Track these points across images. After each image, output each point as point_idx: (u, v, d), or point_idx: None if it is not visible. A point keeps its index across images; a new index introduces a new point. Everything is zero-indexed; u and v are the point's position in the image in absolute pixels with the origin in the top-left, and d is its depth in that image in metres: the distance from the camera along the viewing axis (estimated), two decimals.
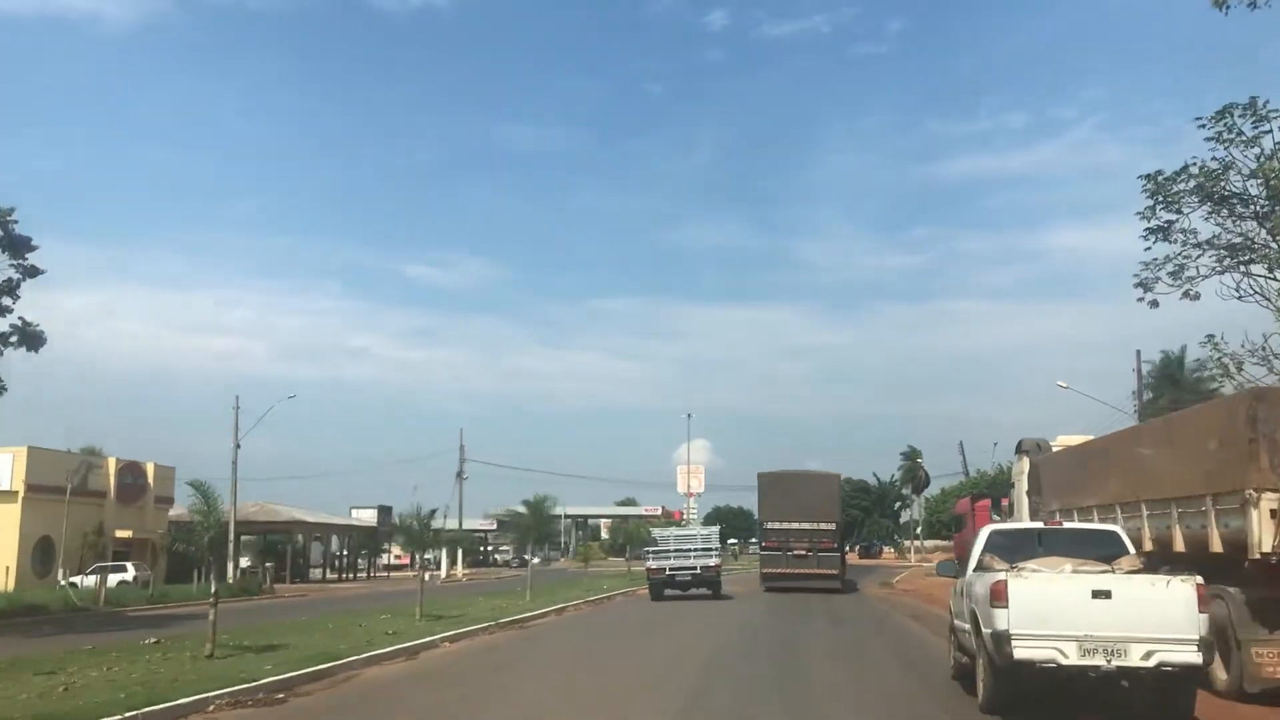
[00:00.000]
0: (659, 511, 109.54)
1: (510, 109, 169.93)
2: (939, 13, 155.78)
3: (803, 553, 37.79)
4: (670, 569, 35.60)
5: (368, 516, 71.71)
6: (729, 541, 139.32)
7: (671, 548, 36.80)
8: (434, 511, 32.09)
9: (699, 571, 35.48)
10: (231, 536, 41.37)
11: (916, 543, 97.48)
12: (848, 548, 55.03)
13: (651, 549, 38.14)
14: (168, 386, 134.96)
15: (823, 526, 37.70)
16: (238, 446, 42.19)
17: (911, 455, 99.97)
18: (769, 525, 38.60)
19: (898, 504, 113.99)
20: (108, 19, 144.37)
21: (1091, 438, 21.12)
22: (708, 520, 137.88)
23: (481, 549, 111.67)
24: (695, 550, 36.29)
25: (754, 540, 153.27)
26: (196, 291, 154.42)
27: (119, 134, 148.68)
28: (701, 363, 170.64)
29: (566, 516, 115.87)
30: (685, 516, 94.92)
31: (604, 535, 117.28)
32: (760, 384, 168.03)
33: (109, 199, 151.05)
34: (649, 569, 36.78)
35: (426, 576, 66.55)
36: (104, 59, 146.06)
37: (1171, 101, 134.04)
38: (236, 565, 45.09)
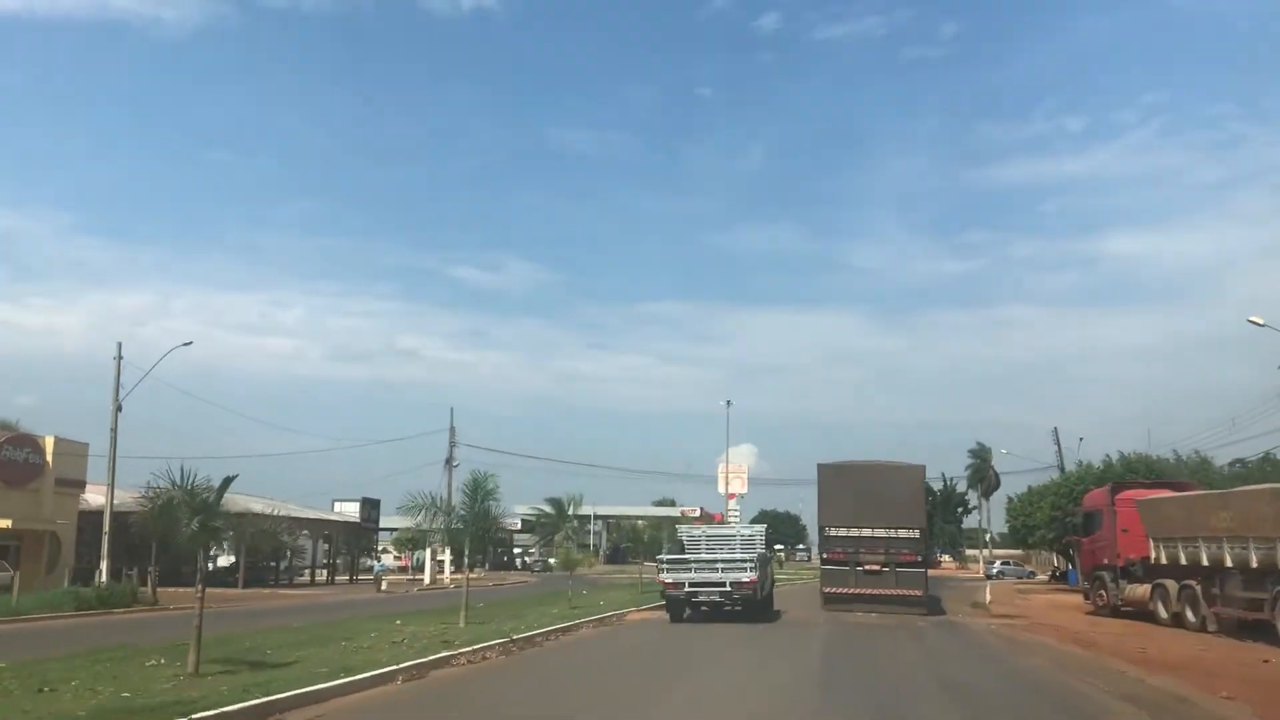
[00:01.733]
0: (697, 513, 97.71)
1: (561, 113, 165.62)
2: (994, 15, 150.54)
3: (876, 568, 28.25)
4: (691, 584, 25.34)
5: (351, 510, 60.46)
6: (774, 548, 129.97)
7: (695, 556, 26.69)
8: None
9: (729, 589, 25.06)
10: (106, 527, 30.39)
11: (986, 552, 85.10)
12: None
13: (667, 557, 27.48)
14: (219, 387, 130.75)
15: (902, 534, 28.26)
16: (118, 408, 31.16)
17: (980, 454, 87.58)
18: (832, 532, 29.09)
19: (960, 509, 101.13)
20: (166, 23, 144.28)
21: None
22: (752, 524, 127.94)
23: (501, 550, 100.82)
24: (725, 561, 25.81)
25: (801, 547, 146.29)
26: (249, 293, 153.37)
27: (175, 136, 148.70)
28: (751, 367, 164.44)
29: (597, 517, 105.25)
30: (725, 519, 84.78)
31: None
32: (811, 389, 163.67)
33: (165, 201, 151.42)
34: (663, 583, 26.28)
35: (426, 578, 57.09)
36: (162, 62, 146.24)
37: (1232, 106, 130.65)
38: (113, 566, 33.68)
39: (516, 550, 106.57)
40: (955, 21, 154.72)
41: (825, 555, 29.47)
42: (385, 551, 72.85)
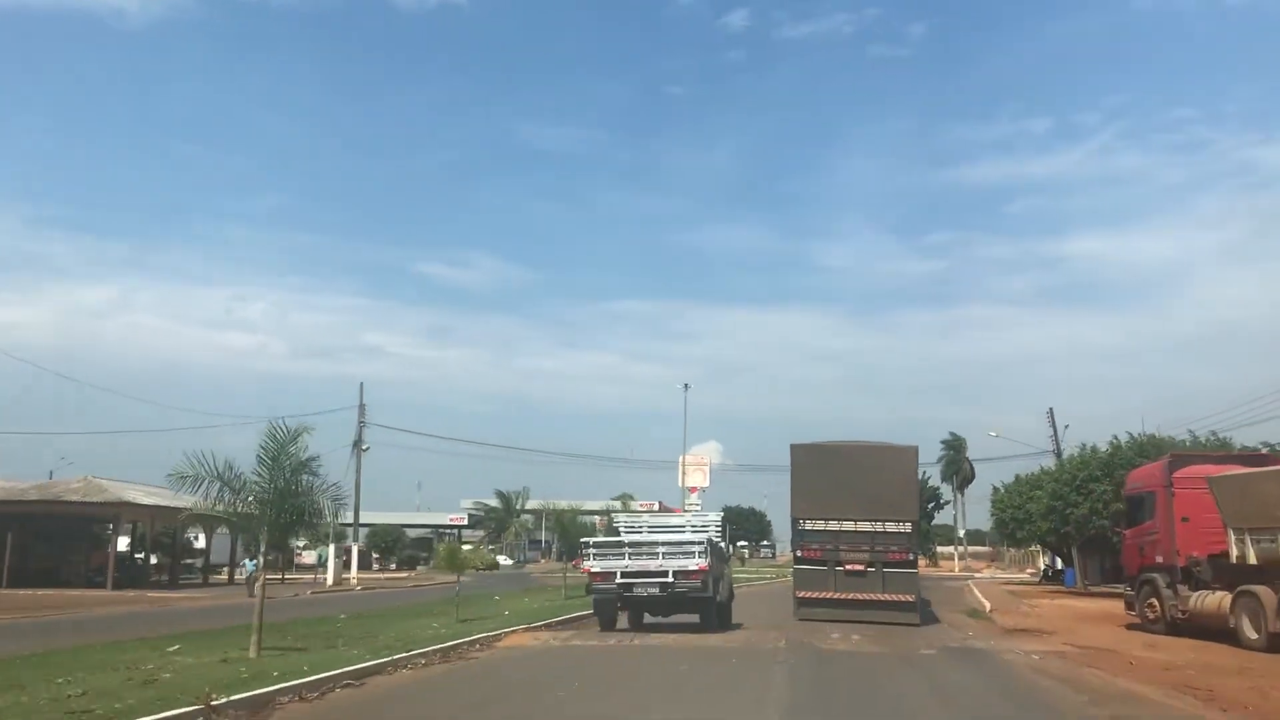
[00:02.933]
0: (656, 507, 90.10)
1: (529, 109, 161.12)
2: (961, 16, 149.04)
3: (859, 568, 22.92)
4: (624, 574, 20.06)
5: None
6: (738, 545, 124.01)
7: (631, 539, 21.31)
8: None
9: (671, 580, 19.74)
10: None
11: (962, 548, 78.37)
12: None
13: (595, 540, 22.88)
14: (181, 382, 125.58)
15: (890, 528, 23.13)
16: None
17: (955, 445, 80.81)
18: (807, 525, 23.79)
19: (932, 504, 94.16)
20: (130, 13, 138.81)
21: None
22: None
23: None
24: (668, 545, 20.51)
25: (765, 544, 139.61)
26: (213, 287, 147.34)
27: (138, 128, 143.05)
28: (719, 366, 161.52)
29: (550, 513, 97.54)
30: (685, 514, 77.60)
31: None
32: (778, 388, 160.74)
33: (128, 193, 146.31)
34: (590, 574, 21.04)
35: (329, 577, 49.05)
36: (126, 53, 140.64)
37: (1194, 109, 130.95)
38: None
39: (467, 546, 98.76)
40: (923, 21, 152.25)
41: (799, 553, 24.12)
42: (307, 547, 64.65)
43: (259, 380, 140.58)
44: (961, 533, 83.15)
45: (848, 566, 22.78)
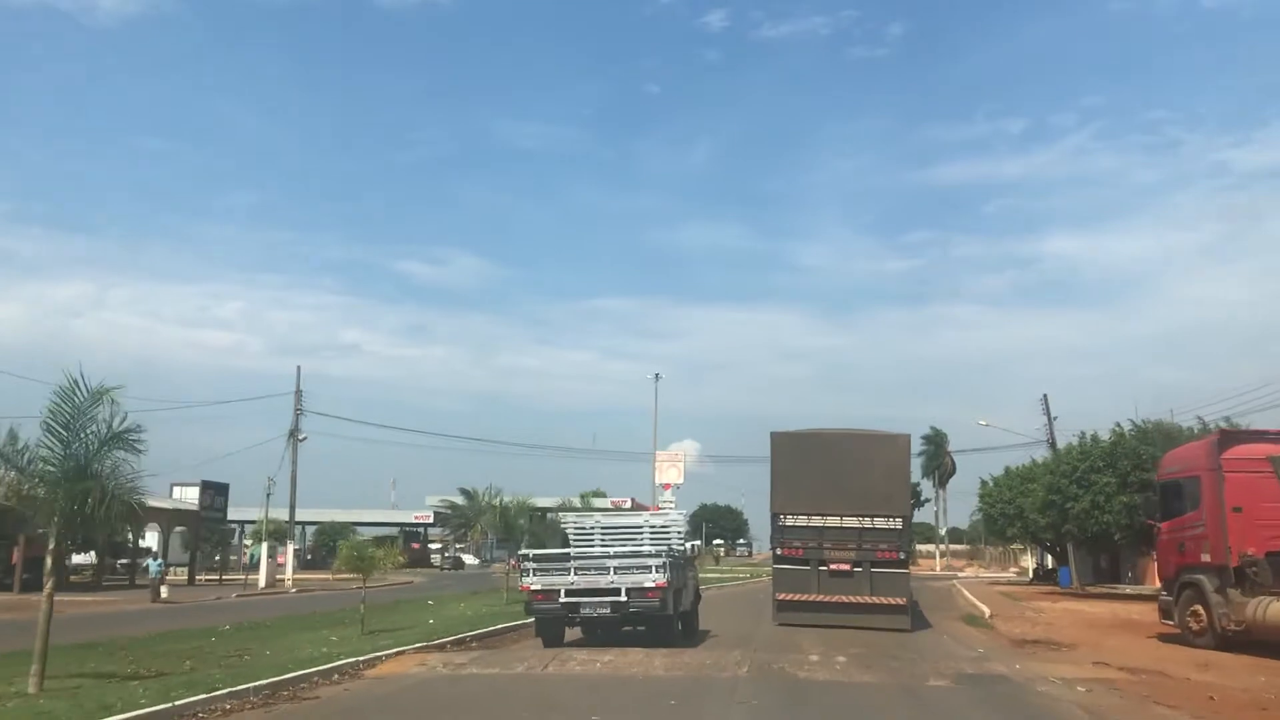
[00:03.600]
0: (628, 504, 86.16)
1: (508, 106, 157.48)
2: (938, 17, 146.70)
3: (845, 568, 20.69)
4: (569, 592, 16.75)
5: (192, 497, 48.01)
6: (714, 543, 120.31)
7: (578, 552, 17.89)
8: None
9: (624, 599, 16.55)
10: None
11: (944, 546, 74.89)
12: None
13: (535, 552, 18.29)
14: (155, 380, 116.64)
15: (879, 523, 20.93)
16: None
17: (935, 440, 77.14)
18: (788, 520, 21.46)
19: (912, 500, 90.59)
20: (102, 9, 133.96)
21: None
22: (692, 520, 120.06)
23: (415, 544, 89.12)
24: (621, 558, 17.07)
25: (741, 542, 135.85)
26: (189, 285, 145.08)
27: (112, 124, 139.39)
28: (697, 364, 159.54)
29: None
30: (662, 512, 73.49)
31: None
32: (757, 386, 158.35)
33: (102, 190, 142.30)
34: (530, 591, 17.18)
35: (261, 579, 44.50)
36: (99, 49, 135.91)
37: (1169, 111, 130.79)
38: None
39: (435, 546, 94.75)
40: (900, 22, 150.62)
41: (778, 551, 21.73)
42: (247, 545, 60.34)
43: (236, 378, 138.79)
44: (943, 530, 79.53)
45: (832, 566, 20.53)
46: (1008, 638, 20.18)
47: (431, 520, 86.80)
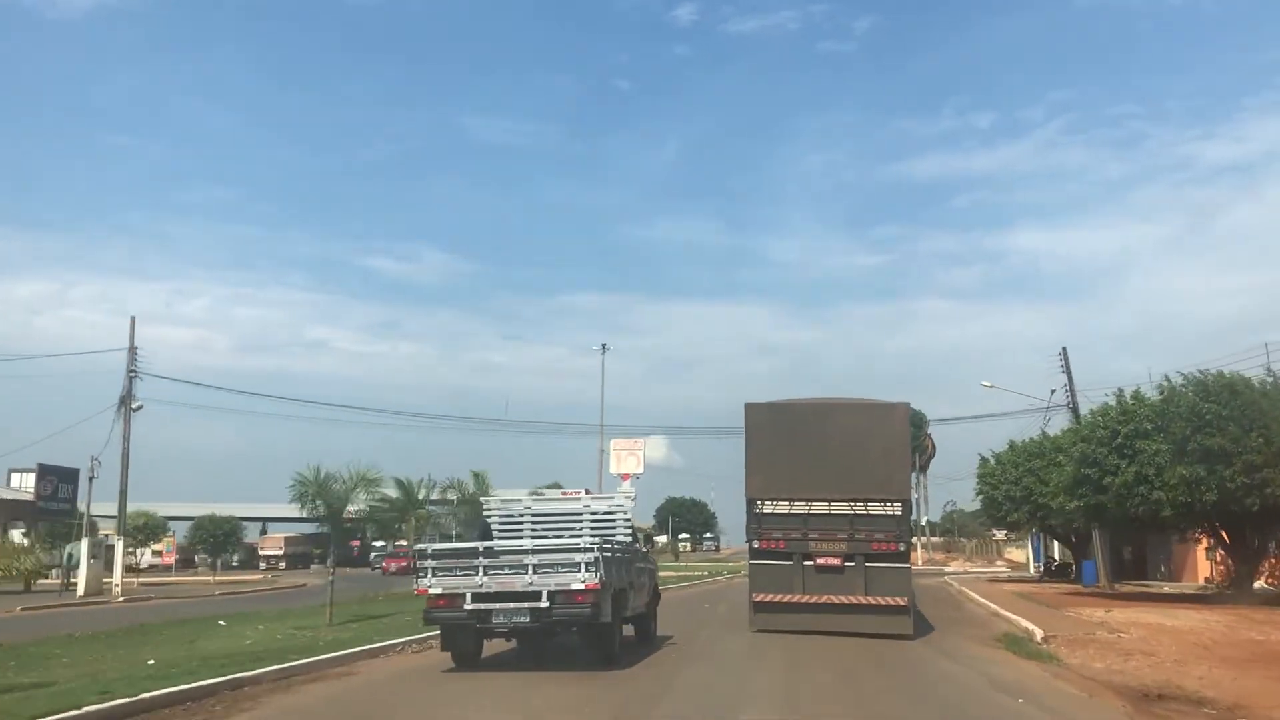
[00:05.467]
0: (582, 494, 76.98)
1: (477, 101, 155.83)
2: (907, 12, 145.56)
3: (835, 563, 16.61)
4: (477, 596, 12.74)
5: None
6: (679, 537, 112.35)
7: (491, 547, 13.56)
8: None
9: (545, 605, 12.60)
10: None
11: (926, 538, 66.44)
12: None
13: (434, 548, 14.11)
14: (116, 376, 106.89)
15: (875, 509, 17.10)
16: None
17: (915, 420, 68.37)
18: (766, 507, 17.58)
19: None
20: (63, 2, 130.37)
21: None
22: (659, 514, 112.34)
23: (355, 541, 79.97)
24: (541, 554, 13.00)
25: (709, 536, 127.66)
26: (152, 282, 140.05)
27: (76, 119, 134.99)
28: (669, 359, 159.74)
29: (461, 504, 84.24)
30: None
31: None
32: (728, 381, 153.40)
33: (63, 186, 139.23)
34: (428, 595, 13.01)
35: (80, 586, 27.24)
36: (60, 43, 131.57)
37: (1134, 105, 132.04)
38: None
39: (379, 544, 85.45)
40: (868, 16, 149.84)
41: (756, 544, 17.96)
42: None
43: (202, 376, 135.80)
44: (925, 521, 71.18)
45: (819, 560, 17.29)
46: (1107, 685, 11.36)
47: (365, 513, 77.92)
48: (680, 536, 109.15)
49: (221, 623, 19.09)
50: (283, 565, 72.87)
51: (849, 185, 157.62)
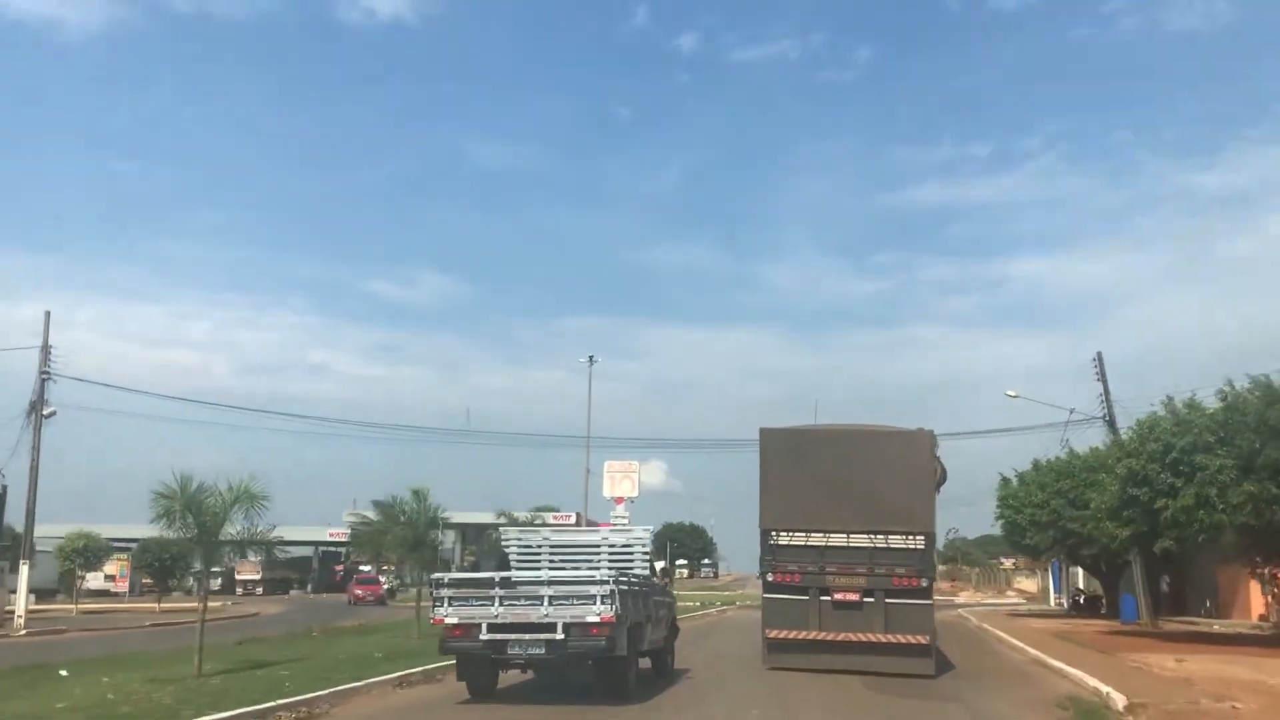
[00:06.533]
0: (572, 520, 72.65)
1: (478, 126, 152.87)
2: (906, 42, 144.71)
3: (853, 598, 15.80)
4: (493, 627, 12.52)
5: None
6: (677, 563, 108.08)
7: (508, 577, 13.38)
8: None
9: (561, 637, 12.33)
10: None
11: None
12: None
13: (450, 577, 13.90)
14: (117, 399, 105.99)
15: (895, 542, 16.02)
16: None
17: None
18: (781, 539, 16.56)
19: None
20: (69, 26, 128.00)
21: None
22: (655, 539, 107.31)
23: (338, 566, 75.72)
24: (558, 586, 12.77)
25: (707, 563, 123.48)
26: (154, 305, 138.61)
27: (77, 142, 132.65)
28: (667, 384, 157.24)
29: (450, 526, 79.61)
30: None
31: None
32: (726, 407, 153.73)
33: (64, 207, 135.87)
34: (444, 624, 12.76)
35: None
36: (64, 67, 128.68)
37: (1130, 134, 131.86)
38: None
39: (366, 568, 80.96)
40: (868, 46, 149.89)
41: (769, 577, 16.61)
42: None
43: (204, 398, 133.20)
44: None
45: (837, 595, 16.00)
46: None
47: (348, 536, 73.53)
48: (678, 563, 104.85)
49: (64, 673, 14.86)
50: (259, 591, 68.64)
51: (848, 213, 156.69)
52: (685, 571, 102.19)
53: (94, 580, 49.35)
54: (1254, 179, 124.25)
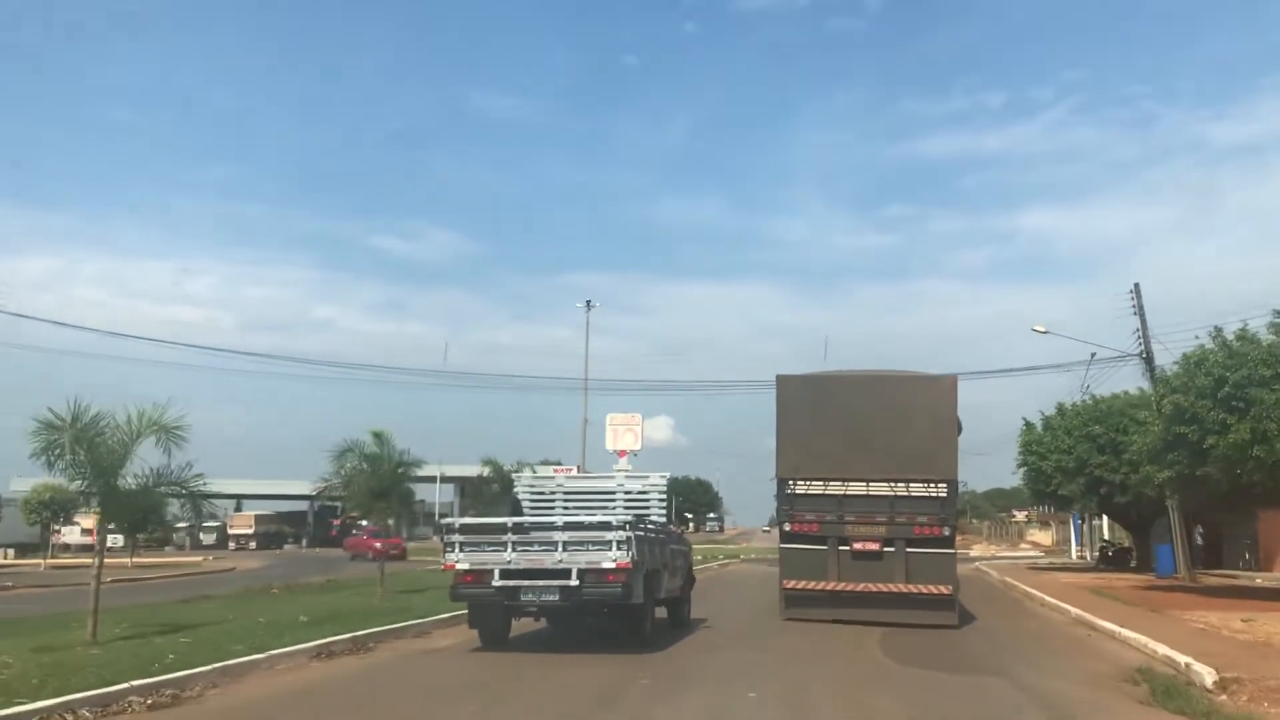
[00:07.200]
0: (573, 472, 70.24)
1: (484, 78, 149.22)
2: None
3: (872, 548, 15.35)
4: (505, 573, 12.08)
5: None
6: (684, 515, 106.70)
7: (521, 522, 12.84)
8: None
9: (575, 584, 11.87)
10: None
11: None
12: None
13: (460, 521, 13.29)
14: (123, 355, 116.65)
15: (917, 490, 15.46)
16: None
17: None
18: (798, 487, 16.08)
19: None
20: None
21: None
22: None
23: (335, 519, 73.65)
24: (573, 530, 12.20)
25: (712, 516, 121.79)
26: (158, 260, 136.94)
27: (78, 94, 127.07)
28: (675, 340, 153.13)
29: (446, 479, 77.36)
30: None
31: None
32: (735, 362, 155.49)
33: (67, 161, 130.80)
34: (455, 570, 12.35)
35: None
36: (65, 17, 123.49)
37: (1146, 85, 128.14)
38: None
39: (364, 522, 78.88)
40: None
41: (787, 527, 16.22)
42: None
43: (208, 353, 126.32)
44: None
45: (856, 545, 15.48)
46: None
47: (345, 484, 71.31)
48: (685, 515, 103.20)
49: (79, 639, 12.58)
50: (253, 545, 66.78)
51: (858, 165, 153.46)
52: (690, 526, 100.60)
53: (70, 535, 47.40)
54: (1268, 130, 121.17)
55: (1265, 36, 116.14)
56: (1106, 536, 38.83)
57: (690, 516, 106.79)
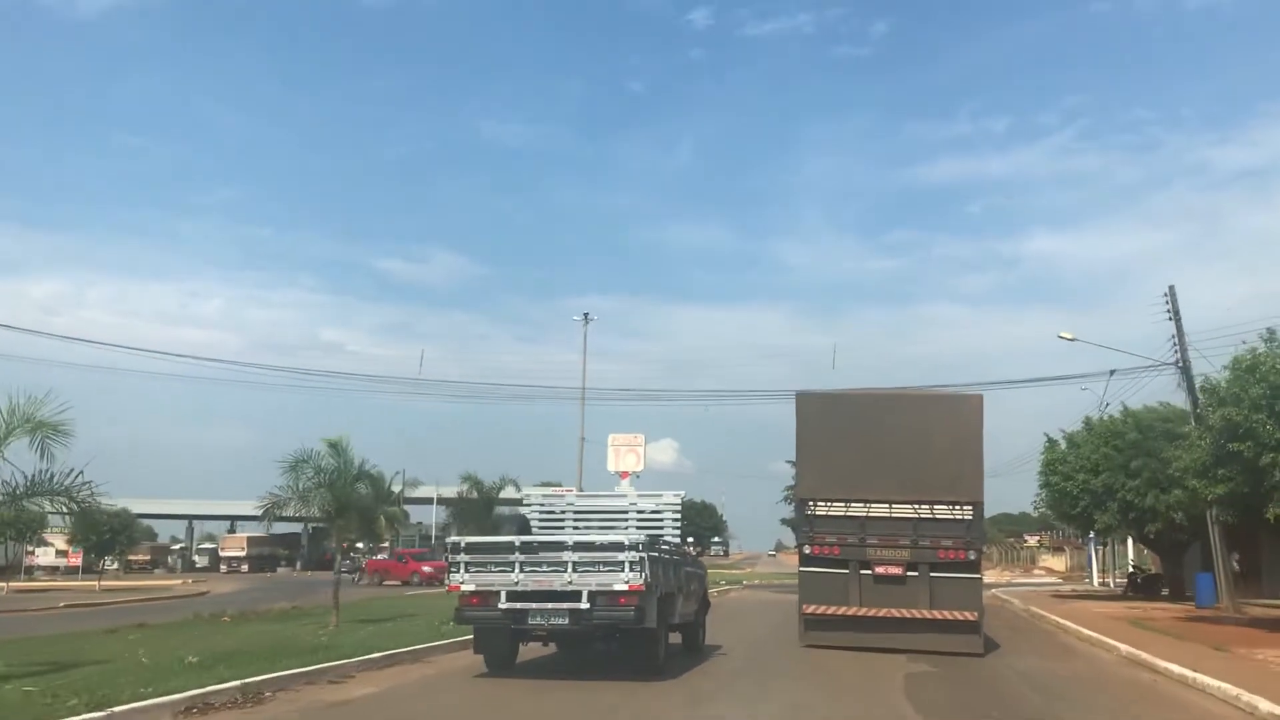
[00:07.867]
0: (571, 493, 67.75)
1: (490, 104, 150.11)
2: (923, 16, 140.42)
3: (896, 571, 15.01)
4: (512, 595, 11.61)
5: None
6: (687, 540, 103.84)
7: (528, 541, 12.42)
8: None
9: (585, 607, 11.38)
10: None
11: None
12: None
13: (466, 540, 12.43)
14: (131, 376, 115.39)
15: (942, 512, 14.97)
16: None
17: None
18: (819, 508, 15.67)
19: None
20: (80, 3, 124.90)
21: None
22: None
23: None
24: (583, 550, 11.64)
25: (717, 540, 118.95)
26: (166, 282, 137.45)
27: (90, 120, 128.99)
28: (679, 363, 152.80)
29: (443, 501, 74.36)
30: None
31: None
32: (739, 385, 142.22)
33: (77, 185, 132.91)
34: (460, 592, 11.91)
35: None
36: (76, 43, 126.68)
37: (1149, 111, 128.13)
38: None
39: (361, 546, 76.18)
40: (884, 20, 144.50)
41: (807, 549, 15.67)
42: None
43: (214, 376, 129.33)
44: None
45: (878, 569, 15.00)
46: None
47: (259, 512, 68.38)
48: (688, 540, 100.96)
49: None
50: (245, 568, 64.45)
51: (862, 190, 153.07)
52: (696, 550, 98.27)
53: (44, 556, 45.29)
54: (1272, 154, 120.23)
55: (1269, 61, 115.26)
56: (1132, 560, 36.42)
57: (691, 540, 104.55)
